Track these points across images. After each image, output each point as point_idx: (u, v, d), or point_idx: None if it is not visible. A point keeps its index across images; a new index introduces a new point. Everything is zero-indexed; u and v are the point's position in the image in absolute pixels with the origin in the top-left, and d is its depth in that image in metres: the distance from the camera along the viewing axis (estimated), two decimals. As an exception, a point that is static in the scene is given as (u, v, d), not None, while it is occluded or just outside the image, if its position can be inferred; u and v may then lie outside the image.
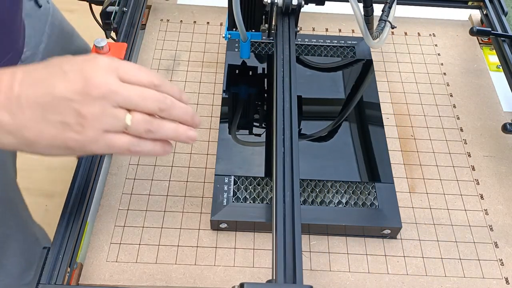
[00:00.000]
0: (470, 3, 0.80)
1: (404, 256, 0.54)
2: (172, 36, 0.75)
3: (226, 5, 0.58)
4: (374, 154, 0.60)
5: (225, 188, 0.55)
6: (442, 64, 0.74)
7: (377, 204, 0.55)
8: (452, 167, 0.62)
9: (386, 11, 0.63)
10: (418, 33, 0.79)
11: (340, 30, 0.78)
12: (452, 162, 0.62)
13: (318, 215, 0.54)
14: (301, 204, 0.55)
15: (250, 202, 0.55)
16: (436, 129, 0.66)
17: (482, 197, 0.59)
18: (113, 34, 0.69)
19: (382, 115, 0.66)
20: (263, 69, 0.70)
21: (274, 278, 0.41)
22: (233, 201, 0.55)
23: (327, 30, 0.78)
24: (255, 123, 0.64)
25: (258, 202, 0.55)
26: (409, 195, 0.59)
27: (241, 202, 0.55)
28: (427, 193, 0.59)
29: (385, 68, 0.73)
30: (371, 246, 0.55)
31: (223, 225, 0.54)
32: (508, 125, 0.61)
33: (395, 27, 0.64)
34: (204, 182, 0.59)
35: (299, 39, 0.73)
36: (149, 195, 0.57)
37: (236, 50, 0.71)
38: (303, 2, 0.58)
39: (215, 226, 0.54)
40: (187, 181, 0.59)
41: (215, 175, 0.57)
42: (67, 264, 0.46)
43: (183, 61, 0.72)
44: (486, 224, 0.57)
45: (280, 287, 0.40)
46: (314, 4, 0.62)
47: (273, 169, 0.48)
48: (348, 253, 0.54)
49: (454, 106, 0.69)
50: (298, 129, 0.57)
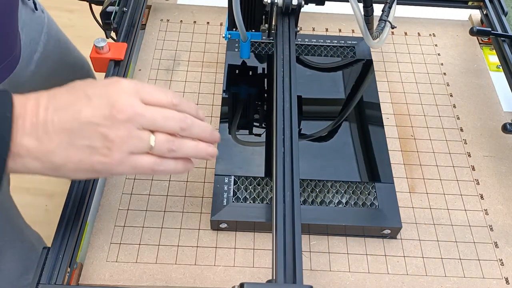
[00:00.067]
0: (470, 3, 0.80)
1: (404, 256, 0.54)
2: (172, 36, 0.75)
3: (226, 5, 0.58)
4: (374, 154, 0.60)
5: (225, 188, 0.55)
6: (442, 64, 0.74)
7: (377, 204, 0.55)
8: (452, 167, 0.62)
9: (386, 11, 0.63)
10: (418, 33, 0.79)
11: (340, 30, 0.78)
12: (452, 162, 0.62)
13: (318, 215, 0.54)
14: (301, 204, 0.55)
15: (250, 202, 0.55)
16: (436, 129, 0.66)
17: (482, 197, 0.59)
18: (113, 34, 0.69)
19: (382, 115, 0.66)
20: (263, 69, 0.70)
21: (274, 278, 0.41)
22: (233, 201, 0.55)
23: (327, 30, 0.78)
24: (255, 123, 0.64)
25: (258, 202, 0.55)
26: (409, 195, 0.59)
27: (241, 202, 0.55)
28: (427, 193, 0.59)
29: (385, 68, 0.73)
30: (371, 246, 0.55)
31: (223, 225, 0.54)
32: (508, 125, 0.61)
33: (395, 27, 0.64)
34: (204, 182, 0.59)
35: (299, 39, 0.73)
36: (149, 195, 0.57)
37: (236, 50, 0.71)
38: (303, 2, 0.58)
39: (215, 226, 0.54)
40: (187, 181, 0.59)
41: (215, 175, 0.57)
42: (67, 264, 0.46)
43: (183, 61, 0.72)
44: (486, 224, 0.57)
45: (280, 287, 0.40)
46: (314, 4, 0.61)
47: (273, 169, 0.48)
48: (348, 253, 0.54)
49: (454, 106, 0.69)
50: (298, 129, 0.57)
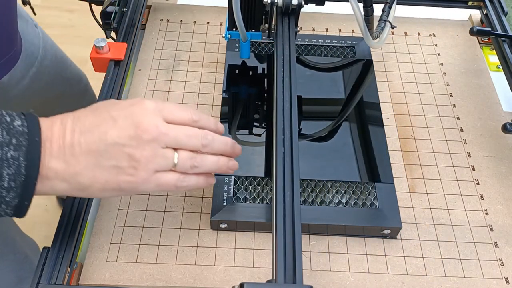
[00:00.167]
0: (470, 3, 0.80)
1: (404, 256, 0.54)
2: (172, 36, 0.75)
3: (226, 5, 0.58)
4: (374, 154, 0.60)
5: (225, 188, 0.55)
6: (442, 64, 0.74)
7: (377, 204, 0.55)
8: (452, 167, 0.62)
9: (386, 11, 0.63)
10: (418, 33, 0.79)
11: (340, 30, 0.78)
12: (452, 162, 0.62)
13: (318, 215, 0.54)
14: (301, 204, 0.55)
15: (250, 202, 0.55)
16: (436, 129, 0.66)
17: (482, 197, 0.59)
18: (113, 34, 0.69)
19: (382, 115, 0.66)
20: (263, 69, 0.70)
21: (274, 278, 0.41)
22: (233, 201, 0.55)
23: (327, 30, 0.78)
24: (255, 123, 0.64)
25: (258, 202, 0.55)
26: (409, 195, 0.59)
27: (241, 202, 0.55)
28: (427, 193, 0.59)
29: (385, 68, 0.73)
30: (371, 246, 0.55)
31: (223, 225, 0.54)
32: (508, 125, 0.61)
33: (395, 27, 0.64)
34: (204, 182, 0.59)
35: (299, 39, 0.73)
36: (149, 195, 0.57)
37: (236, 50, 0.71)
38: (303, 2, 0.58)
39: (215, 226, 0.54)
40: (187, 181, 0.59)
41: (215, 175, 0.57)
42: (67, 264, 0.46)
43: (183, 61, 0.72)
44: (486, 224, 0.57)
45: (280, 287, 0.40)
46: (314, 4, 0.61)
47: (273, 169, 0.48)
48: (348, 253, 0.54)
49: (454, 106, 0.69)
50: (298, 129, 0.57)
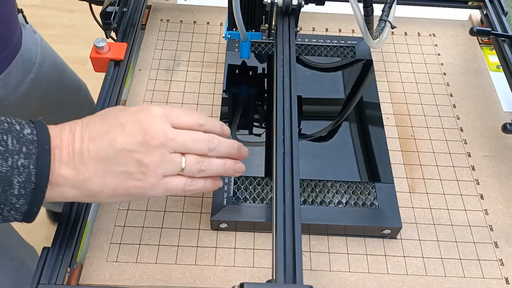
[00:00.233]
0: (470, 3, 0.80)
1: (404, 256, 0.54)
2: (172, 36, 0.75)
3: (226, 5, 0.58)
4: (374, 154, 0.60)
5: (225, 188, 0.55)
6: (442, 64, 0.74)
7: (377, 204, 0.55)
8: (452, 167, 0.62)
9: (386, 11, 0.63)
10: (418, 33, 0.79)
11: (340, 30, 0.78)
12: (452, 162, 0.62)
13: (318, 215, 0.54)
14: (301, 204, 0.55)
15: (250, 202, 0.55)
16: (436, 129, 0.66)
17: (482, 197, 0.59)
18: (113, 34, 0.69)
19: (382, 115, 0.66)
20: (263, 69, 0.70)
21: (274, 278, 0.41)
22: (233, 201, 0.55)
23: (327, 30, 0.78)
24: (255, 123, 0.64)
25: (258, 202, 0.55)
26: (409, 195, 0.59)
27: (241, 202, 0.55)
28: (427, 193, 0.59)
29: (385, 68, 0.73)
30: (371, 246, 0.55)
31: (223, 225, 0.54)
32: (508, 125, 0.61)
33: (395, 27, 0.64)
34: (204, 182, 0.59)
35: (299, 39, 0.73)
36: (149, 195, 0.57)
37: (236, 50, 0.71)
38: (303, 2, 0.58)
39: (215, 226, 0.54)
40: (187, 181, 0.59)
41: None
42: (67, 264, 0.46)
43: (183, 61, 0.72)
44: (486, 224, 0.57)
45: (280, 287, 0.40)
46: (314, 4, 0.61)
47: (273, 169, 0.48)
48: (348, 253, 0.54)
49: (454, 106, 0.69)
50: (298, 129, 0.57)
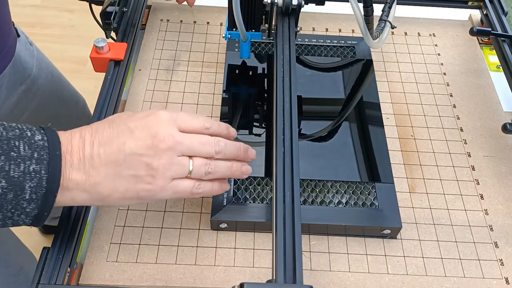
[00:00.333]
0: (470, 3, 0.80)
1: (404, 256, 0.54)
2: (172, 36, 0.75)
3: (226, 5, 0.58)
4: (374, 154, 0.60)
5: (225, 188, 0.55)
6: (442, 64, 0.74)
7: (377, 204, 0.55)
8: (452, 167, 0.62)
9: (386, 11, 0.63)
10: (418, 33, 0.79)
11: (340, 30, 0.78)
12: (452, 162, 0.62)
13: (318, 215, 0.54)
14: (301, 204, 0.55)
15: (250, 202, 0.55)
16: (436, 129, 0.66)
17: (482, 197, 0.59)
18: (113, 34, 0.69)
19: (382, 115, 0.66)
20: (263, 69, 0.70)
21: (274, 278, 0.41)
22: (233, 201, 0.55)
23: (327, 30, 0.78)
24: (255, 123, 0.64)
25: (258, 202, 0.55)
26: (409, 195, 0.59)
27: (241, 202, 0.55)
28: (427, 193, 0.59)
29: (385, 68, 0.73)
30: (371, 246, 0.55)
31: (223, 225, 0.54)
32: (508, 125, 0.61)
33: (395, 27, 0.64)
34: (204, 182, 0.59)
35: (299, 39, 0.73)
36: (149, 195, 0.57)
37: (236, 50, 0.71)
38: (303, 2, 0.58)
39: (215, 226, 0.54)
40: (187, 181, 0.59)
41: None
42: (67, 264, 0.46)
43: (183, 61, 0.72)
44: (486, 224, 0.57)
45: (280, 287, 0.40)
46: (314, 4, 0.61)
47: (273, 169, 0.48)
48: (348, 253, 0.54)
49: (454, 106, 0.69)
50: (298, 129, 0.57)
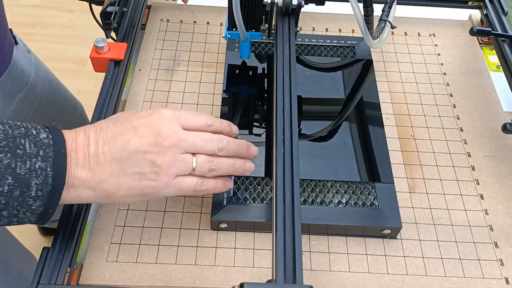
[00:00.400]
0: (470, 3, 0.80)
1: (404, 256, 0.54)
2: (172, 36, 0.75)
3: (226, 5, 0.58)
4: (374, 154, 0.60)
5: (225, 188, 0.55)
6: (442, 64, 0.74)
7: (377, 204, 0.55)
8: (452, 167, 0.62)
9: (386, 11, 0.63)
10: (418, 33, 0.79)
11: (340, 30, 0.78)
12: (452, 162, 0.62)
13: (318, 215, 0.54)
14: (301, 204, 0.55)
15: (250, 202, 0.55)
16: (436, 129, 0.66)
17: (482, 197, 0.59)
18: (113, 34, 0.69)
19: (382, 115, 0.66)
20: (263, 69, 0.70)
21: (274, 278, 0.41)
22: (233, 201, 0.55)
23: (327, 30, 0.78)
24: (255, 123, 0.64)
25: (258, 202, 0.55)
26: (409, 195, 0.59)
27: (241, 202, 0.55)
28: (427, 193, 0.59)
29: (385, 68, 0.73)
30: (371, 246, 0.55)
31: (223, 225, 0.54)
32: (508, 125, 0.61)
33: (395, 27, 0.64)
34: (204, 182, 0.59)
35: (299, 39, 0.73)
36: (149, 195, 0.57)
37: (236, 50, 0.71)
38: (303, 2, 0.58)
39: (215, 226, 0.54)
40: (187, 181, 0.59)
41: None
42: (67, 264, 0.46)
43: (183, 61, 0.72)
44: (486, 224, 0.57)
45: (280, 287, 0.40)
46: (314, 4, 0.61)
47: (273, 169, 0.48)
48: (348, 253, 0.54)
49: (454, 106, 0.69)
50: (298, 129, 0.57)
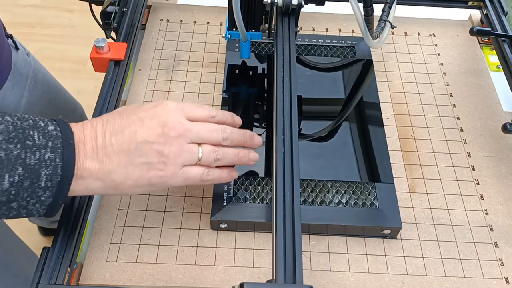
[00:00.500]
0: (470, 3, 0.80)
1: (404, 256, 0.54)
2: (172, 36, 0.75)
3: (226, 5, 0.58)
4: (374, 154, 0.60)
5: (225, 188, 0.55)
6: (442, 64, 0.74)
7: (377, 204, 0.55)
8: (452, 167, 0.62)
9: (386, 11, 0.63)
10: (418, 33, 0.79)
11: (340, 30, 0.78)
12: (452, 162, 0.62)
13: (318, 215, 0.54)
14: (301, 204, 0.55)
15: (250, 202, 0.55)
16: (436, 129, 0.66)
17: (482, 197, 0.59)
18: (113, 34, 0.69)
19: (382, 115, 0.66)
20: (263, 69, 0.70)
21: (274, 278, 0.41)
22: (233, 201, 0.55)
23: (327, 30, 0.78)
24: (255, 123, 0.64)
25: (258, 202, 0.55)
26: (409, 195, 0.59)
27: (241, 202, 0.55)
28: (427, 193, 0.59)
29: (385, 68, 0.73)
30: (371, 246, 0.55)
31: (223, 225, 0.54)
32: (508, 125, 0.61)
33: (395, 27, 0.64)
34: (204, 182, 0.59)
35: (299, 39, 0.73)
36: (149, 195, 0.57)
37: (236, 50, 0.71)
38: (303, 2, 0.58)
39: (215, 226, 0.54)
40: (187, 181, 0.59)
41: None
42: (67, 264, 0.46)
43: (183, 61, 0.72)
44: (486, 224, 0.57)
45: (280, 287, 0.40)
46: (314, 4, 0.61)
47: (273, 169, 0.48)
48: (348, 253, 0.54)
49: (454, 106, 0.69)
50: (298, 129, 0.57)
